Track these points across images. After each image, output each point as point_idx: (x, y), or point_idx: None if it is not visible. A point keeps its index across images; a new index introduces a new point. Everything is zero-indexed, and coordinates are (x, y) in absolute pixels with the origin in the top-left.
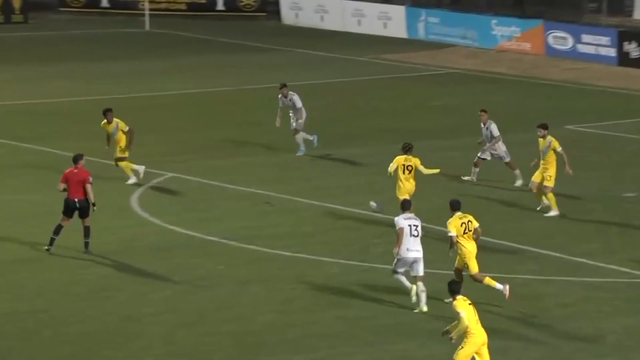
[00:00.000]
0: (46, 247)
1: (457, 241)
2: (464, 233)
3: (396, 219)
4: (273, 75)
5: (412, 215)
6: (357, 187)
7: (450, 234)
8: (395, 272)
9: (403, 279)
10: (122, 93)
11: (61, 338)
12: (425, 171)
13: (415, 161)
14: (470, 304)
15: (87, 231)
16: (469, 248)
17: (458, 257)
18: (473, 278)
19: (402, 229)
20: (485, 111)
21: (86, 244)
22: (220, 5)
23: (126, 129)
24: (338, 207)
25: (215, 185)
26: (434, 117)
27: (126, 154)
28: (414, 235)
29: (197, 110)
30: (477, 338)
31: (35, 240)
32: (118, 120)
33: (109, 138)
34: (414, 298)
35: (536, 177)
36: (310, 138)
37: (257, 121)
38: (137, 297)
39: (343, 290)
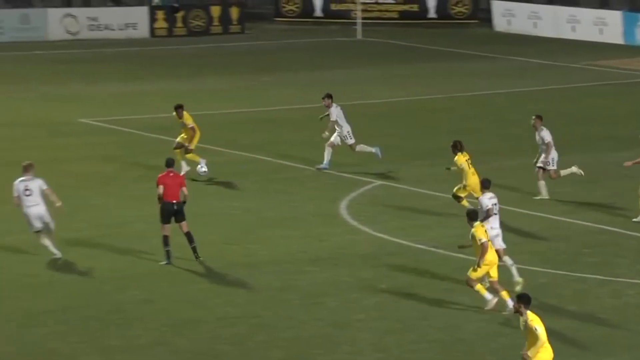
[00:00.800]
0: (164, 262)
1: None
2: (488, 240)
3: (480, 199)
4: (484, 83)
5: (492, 193)
6: (567, 195)
7: (482, 241)
8: None
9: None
10: (334, 101)
11: (273, 343)
12: None
13: (469, 156)
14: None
15: (190, 237)
16: (493, 257)
17: (483, 266)
18: (468, 281)
19: (490, 209)
20: (539, 117)
21: (194, 249)
22: (432, 13)
23: (190, 125)
24: (547, 216)
25: (424, 193)
26: None
27: (192, 147)
28: (495, 214)
29: (407, 118)
30: (548, 353)
31: (248, 246)
32: (188, 115)
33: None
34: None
35: None
36: (373, 150)
37: (468, 129)
38: (347, 303)
39: (551, 300)
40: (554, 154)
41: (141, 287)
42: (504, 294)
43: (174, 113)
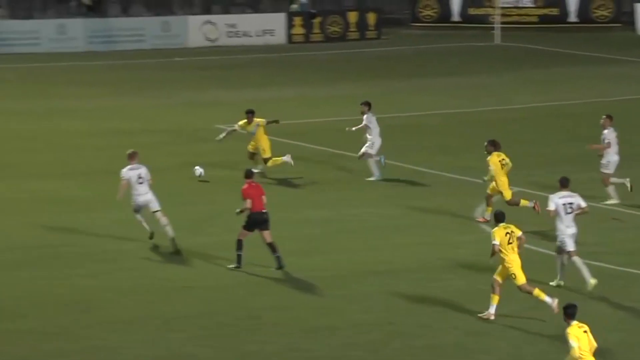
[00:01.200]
0: (234, 265)
1: (501, 251)
2: (509, 243)
3: (551, 196)
4: (625, 88)
5: (568, 192)
6: None
7: (493, 242)
8: (560, 252)
9: (559, 263)
10: (470, 107)
11: (408, 350)
12: None
13: (505, 155)
14: (585, 331)
15: (274, 247)
16: (513, 258)
17: (501, 268)
18: (521, 289)
19: (555, 210)
20: (609, 117)
21: (279, 259)
22: (572, 17)
23: (259, 124)
24: None
25: None
26: None
27: (269, 154)
28: (568, 213)
29: (546, 123)
30: None
31: (382, 252)
32: (259, 120)
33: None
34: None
35: None
36: (377, 158)
37: None
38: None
39: None
40: (613, 158)
41: (275, 294)
42: (496, 298)
43: (245, 120)
